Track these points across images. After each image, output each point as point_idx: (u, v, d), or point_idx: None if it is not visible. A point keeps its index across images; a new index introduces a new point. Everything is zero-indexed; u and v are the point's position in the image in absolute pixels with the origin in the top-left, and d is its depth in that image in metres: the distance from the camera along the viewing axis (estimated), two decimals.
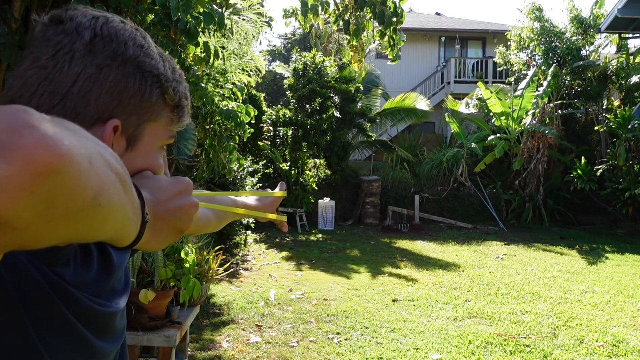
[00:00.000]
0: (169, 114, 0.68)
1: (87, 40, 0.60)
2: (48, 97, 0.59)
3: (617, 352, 4.13)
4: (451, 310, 5.22)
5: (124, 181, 0.48)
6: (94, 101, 0.60)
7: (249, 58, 4.56)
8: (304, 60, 12.44)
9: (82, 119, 0.60)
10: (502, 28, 18.69)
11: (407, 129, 16.30)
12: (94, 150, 0.43)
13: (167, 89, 0.66)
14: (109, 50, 0.61)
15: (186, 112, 0.70)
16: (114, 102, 0.61)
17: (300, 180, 11.90)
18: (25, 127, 0.38)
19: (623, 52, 13.12)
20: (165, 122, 0.68)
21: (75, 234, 0.43)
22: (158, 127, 0.67)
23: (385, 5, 4.43)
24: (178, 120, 0.70)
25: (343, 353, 4.02)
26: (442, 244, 9.55)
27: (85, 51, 0.60)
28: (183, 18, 2.31)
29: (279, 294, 5.74)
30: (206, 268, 3.55)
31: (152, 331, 2.72)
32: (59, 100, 0.59)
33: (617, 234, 11.16)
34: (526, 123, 12.32)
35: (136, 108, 0.63)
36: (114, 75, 0.61)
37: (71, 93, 0.60)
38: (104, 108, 0.61)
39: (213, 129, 4.09)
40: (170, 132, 0.69)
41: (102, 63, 0.60)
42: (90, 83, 0.60)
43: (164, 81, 0.65)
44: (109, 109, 0.61)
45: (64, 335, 0.60)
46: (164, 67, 0.66)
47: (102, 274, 0.68)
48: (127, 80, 0.62)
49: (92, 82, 0.60)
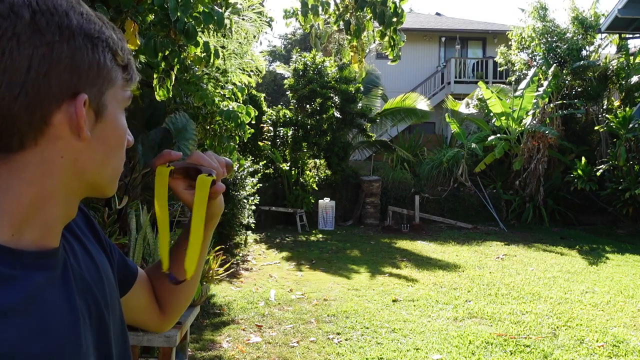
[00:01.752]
0: (122, 75, 0.66)
1: (27, 19, 0.56)
2: (7, 88, 0.56)
3: (617, 352, 4.13)
4: (451, 310, 5.22)
5: None
6: (54, 81, 0.57)
7: (249, 58, 4.57)
8: (304, 60, 12.44)
9: (48, 102, 0.57)
10: (502, 28, 18.69)
11: (407, 129, 16.30)
12: None
13: (117, 51, 0.64)
14: (53, 24, 0.57)
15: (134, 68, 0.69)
16: (74, 77, 0.59)
17: (300, 180, 11.91)
18: None
19: (623, 52, 13.12)
20: (120, 84, 0.66)
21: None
22: (116, 90, 0.65)
23: (385, 5, 4.43)
24: (130, 79, 0.68)
25: (343, 353, 4.02)
26: (442, 244, 9.54)
27: (30, 31, 0.56)
28: (182, 18, 2.31)
29: (279, 294, 5.74)
30: (206, 268, 3.55)
31: (152, 331, 2.71)
32: (19, 89, 0.56)
33: (617, 234, 11.16)
34: (526, 123, 12.32)
35: (95, 77, 0.61)
36: (66, 50, 0.58)
37: (29, 79, 0.56)
38: (67, 85, 0.58)
39: (213, 129, 4.10)
40: (126, 93, 0.67)
41: (51, 40, 0.57)
42: (46, 64, 0.57)
43: (112, 44, 0.63)
44: (72, 85, 0.59)
45: None
46: (107, 29, 0.63)
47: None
48: (81, 52, 0.59)
49: (47, 63, 0.57)
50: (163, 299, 0.96)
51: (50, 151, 0.59)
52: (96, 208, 3.30)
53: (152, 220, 2.99)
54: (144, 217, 3.31)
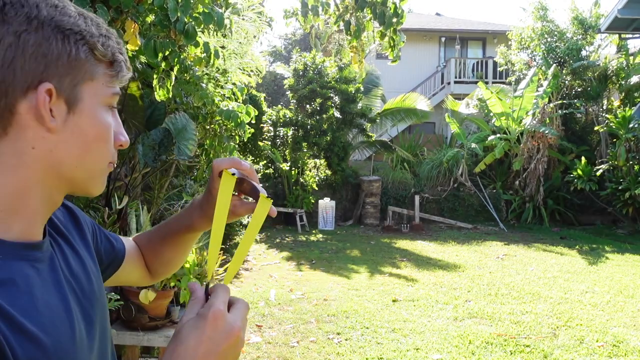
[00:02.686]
0: (106, 70, 0.66)
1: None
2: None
3: (617, 352, 4.13)
4: (451, 310, 5.22)
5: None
6: (19, 70, 0.59)
7: (249, 58, 4.57)
8: (304, 60, 12.45)
9: (12, 89, 0.58)
10: (502, 28, 18.70)
11: (407, 129, 16.31)
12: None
13: (95, 44, 0.64)
14: (21, 15, 0.59)
15: (124, 67, 0.69)
16: (40, 66, 0.60)
17: (300, 180, 11.91)
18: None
19: (622, 52, 13.13)
20: (103, 80, 0.66)
21: None
22: (97, 85, 0.65)
23: (385, 6, 4.43)
24: (117, 76, 0.68)
25: (343, 353, 4.02)
26: (442, 244, 9.55)
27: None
28: (181, 18, 2.31)
29: (279, 294, 5.74)
30: (206, 268, 3.55)
31: (152, 331, 2.72)
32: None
33: (617, 234, 11.17)
34: (526, 123, 12.32)
35: (66, 68, 0.62)
36: (32, 39, 0.59)
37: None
38: (32, 74, 0.59)
39: (213, 129, 4.10)
40: (111, 89, 0.67)
41: (18, 29, 0.58)
42: (12, 52, 0.58)
43: (88, 37, 0.63)
44: (37, 74, 0.60)
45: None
46: (86, 23, 0.64)
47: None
48: (48, 42, 0.60)
49: (13, 51, 0.58)
50: (153, 267, 1.01)
51: (21, 142, 0.60)
52: (96, 208, 3.30)
53: (152, 221, 2.99)
54: (144, 217, 3.31)
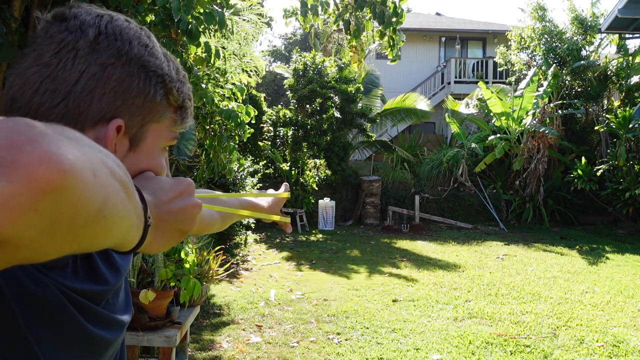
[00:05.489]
0: (172, 115, 0.67)
1: (90, 38, 0.59)
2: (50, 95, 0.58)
3: (617, 352, 4.13)
4: (451, 310, 5.21)
5: (127, 188, 0.47)
6: (97, 100, 0.59)
7: (249, 58, 4.57)
8: (304, 60, 12.44)
9: (84, 118, 0.59)
10: (502, 28, 18.69)
11: (407, 129, 16.30)
12: (96, 160, 0.42)
13: (171, 89, 0.65)
14: (113, 48, 0.60)
15: (189, 113, 0.70)
16: (117, 101, 0.60)
17: (300, 180, 11.90)
18: (27, 142, 0.36)
19: (622, 52, 13.12)
20: (168, 123, 0.67)
21: (78, 246, 0.42)
22: (161, 127, 0.66)
23: (385, 5, 4.43)
24: (181, 122, 0.69)
25: (343, 353, 4.02)
26: (442, 244, 9.54)
27: (89, 49, 0.59)
28: (184, 18, 2.31)
29: (279, 294, 5.74)
30: (206, 268, 3.55)
31: (152, 331, 2.72)
32: (61, 99, 0.58)
33: (617, 234, 11.16)
34: (526, 123, 12.32)
35: (140, 108, 0.62)
36: (117, 73, 0.60)
37: (74, 91, 0.58)
38: (107, 107, 0.60)
39: (213, 129, 4.09)
40: (173, 133, 0.68)
41: (105, 61, 0.59)
42: (94, 81, 0.59)
43: (167, 81, 0.64)
44: (112, 108, 0.60)
45: (58, 336, 0.59)
46: (168, 66, 0.65)
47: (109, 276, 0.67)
48: (131, 79, 0.61)
49: (95, 81, 0.59)
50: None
51: None
52: None
53: None
54: None
